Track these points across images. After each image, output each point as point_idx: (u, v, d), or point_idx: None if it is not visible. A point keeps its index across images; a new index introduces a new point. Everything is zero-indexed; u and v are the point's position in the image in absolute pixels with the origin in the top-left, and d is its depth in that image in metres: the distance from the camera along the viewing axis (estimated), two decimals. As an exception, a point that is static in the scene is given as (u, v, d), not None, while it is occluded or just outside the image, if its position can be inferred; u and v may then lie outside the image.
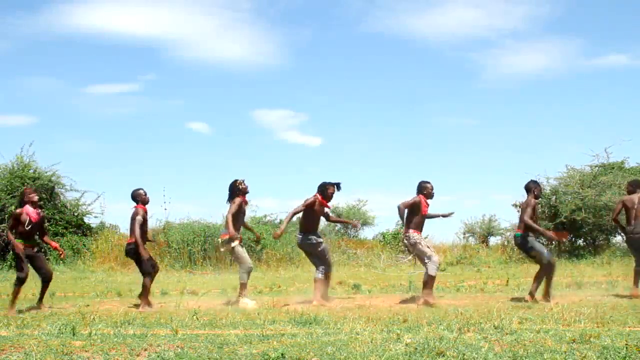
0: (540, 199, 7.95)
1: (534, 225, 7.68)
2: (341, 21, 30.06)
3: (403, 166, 27.53)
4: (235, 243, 7.76)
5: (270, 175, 28.05)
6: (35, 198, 7.69)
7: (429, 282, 7.61)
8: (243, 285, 7.81)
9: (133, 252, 7.70)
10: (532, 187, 7.93)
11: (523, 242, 7.79)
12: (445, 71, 30.21)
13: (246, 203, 8.09)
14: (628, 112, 28.34)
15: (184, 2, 28.93)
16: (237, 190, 7.92)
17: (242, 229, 8.15)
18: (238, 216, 7.91)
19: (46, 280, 7.80)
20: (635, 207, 8.13)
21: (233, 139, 29.46)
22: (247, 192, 8.00)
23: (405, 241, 7.79)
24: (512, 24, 28.83)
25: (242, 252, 7.85)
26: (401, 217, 7.66)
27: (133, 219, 7.68)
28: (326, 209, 8.12)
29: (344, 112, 30.20)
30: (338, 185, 8.04)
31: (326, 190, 7.94)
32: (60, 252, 8.28)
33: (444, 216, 8.12)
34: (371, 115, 29.90)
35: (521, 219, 7.83)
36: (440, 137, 30.05)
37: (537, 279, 7.74)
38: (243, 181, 7.97)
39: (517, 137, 29.43)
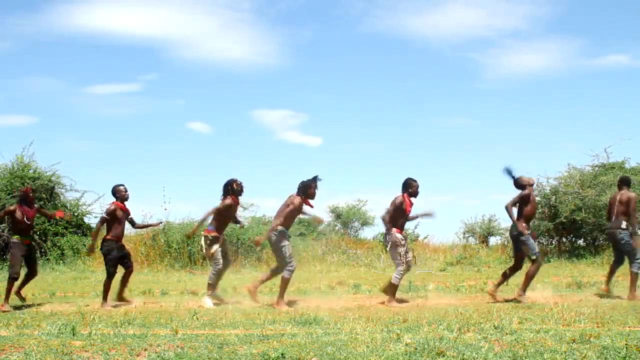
0: (526, 190, 7.84)
1: (511, 211, 7.71)
2: (341, 21, 30.02)
3: (403, 166, 27.50)
4: (215, 247, 7.81)
5: (270, 175, 28.02)
6: (32, 197, 8.02)
7: (390, 289, 7.69)
8: (210, 286, 7.87)
9: (105, 249, 7.98)
10: (523, 182, 7.90)
11: (520, 234, 7.76)
12: (445, 71, 30.16)
13: (237, 203, 8.06)
14: (628, 112, 28.32)
15: (184, 2, 28.94)
16: (230, 190, 7.86)
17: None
18: (225, 215, 7.88)
19: (32, 276, 8.19)
20: (616, 204, 8.19)
21: (233, 139, 29.43)
22: (240, 194, 7.97)
23: (387, 238, 7.73)
24: (513, 24, 28.82)
25: (218, 253, 7.84)
26: (385, 223, 7.80)
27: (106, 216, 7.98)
28: (306, 207, 7.84)
29: (344, 112, 30.19)
30: (315, 179, 7.68)
31: (309, 190, 7.64)
32: (62, 214, 9.29)
33: (424, 215, 8.03)
34: (371, 115, 29.88)
35: (518, 212, 7.83)
36: (440, 137, 30.00)
37: (528, 276, 7.78)
38: (240, 183, 7.93)
39: (517, 137, 29.37)
